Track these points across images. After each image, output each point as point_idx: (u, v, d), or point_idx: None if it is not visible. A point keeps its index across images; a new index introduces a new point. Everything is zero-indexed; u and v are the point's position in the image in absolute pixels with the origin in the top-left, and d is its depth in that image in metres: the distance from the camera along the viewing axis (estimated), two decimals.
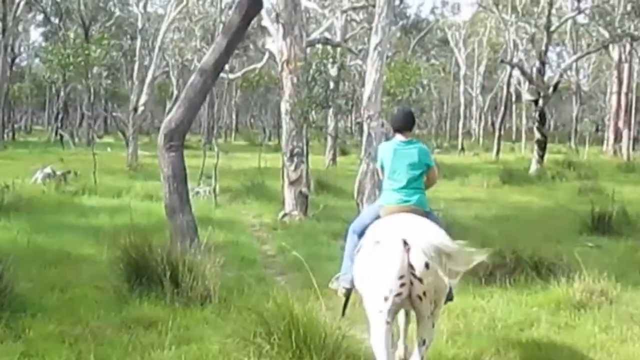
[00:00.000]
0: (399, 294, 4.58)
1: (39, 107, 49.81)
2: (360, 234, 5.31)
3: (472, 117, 57.68)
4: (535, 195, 18.85)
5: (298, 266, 9.32)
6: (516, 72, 36.78)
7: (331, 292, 7.85)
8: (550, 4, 25.48)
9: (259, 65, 28.53)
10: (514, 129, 58.14)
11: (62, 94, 35.27)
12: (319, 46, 15.45)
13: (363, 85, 11.69)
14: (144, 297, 6.89)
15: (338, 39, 20.69)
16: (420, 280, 4.53)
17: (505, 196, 18.49)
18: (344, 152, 33.53)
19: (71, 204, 13.50)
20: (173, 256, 7.37)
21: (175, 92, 36.36)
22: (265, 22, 14.27)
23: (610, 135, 39.95)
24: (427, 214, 5.23)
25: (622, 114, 37.01)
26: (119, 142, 43.97)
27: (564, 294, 7.73)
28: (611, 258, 10.27)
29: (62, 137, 26.29)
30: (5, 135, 36.13)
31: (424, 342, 4.77)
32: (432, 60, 53.25)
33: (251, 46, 41.34)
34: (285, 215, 13.14)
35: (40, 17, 34.41)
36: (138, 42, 22.41)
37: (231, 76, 30.39)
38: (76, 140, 34.71)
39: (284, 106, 13.27)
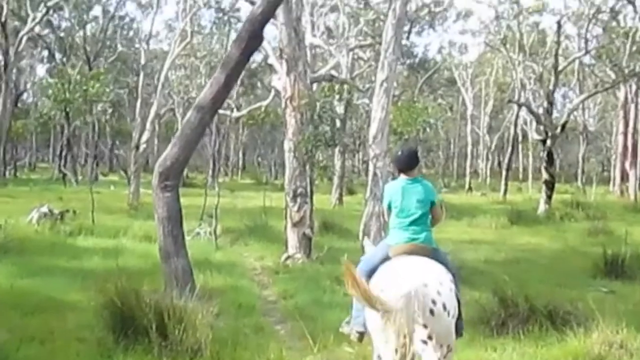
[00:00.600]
0: (404, 345, 4.44)
1: (44, 145, 49.69)
2: (369, 274, 5.22)
3: (479, 156, 57.29)
4: (545, 236, 18.32)
5: (299, 313, 8.84)
6: (523, 112, 36.57)
7: (333, 343, 7.42)
8: (558, 44, 25.25)
9: (264, 103, 28.26)
10: (520, 168, 57.71)
11: (65, 131, 35.01)
12: (325, 83, 15.08)
13: (370, 124, 11.31)
14: (129, 351, 6.38)
15: (344, 76, 20.38)
16: (424, 326, 4.53)
17: (514, 238, 17.97)
18: (350, 192, 33.12)
19: (64, 245, 13.02)
20: (163, 304, 6.85)
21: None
22: (272, 59, 13.95)
23: (617, 175, 39.43)
24: (434, 251, 5.28)
25: (628, 154, 36.54)
26: (123, 180, 43.89)
27: (582, 347, 7.22)
28: (626, 304, 9.76)
29: (64, 175, 25.95)
30: (7, 173, 35.81)
31: None
32: (439, 100, 53.08)
33: (258, 84, 41.30)
34: (288, 257, 12.65)
35: (45, 53, 34.37)
36: (140, 78, 22.16)
37: (236, 114, 30.13)
38: (79, 178, 34.38)
39: (287, 144, 12.87)
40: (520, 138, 45.00)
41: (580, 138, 45.02)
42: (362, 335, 5.43)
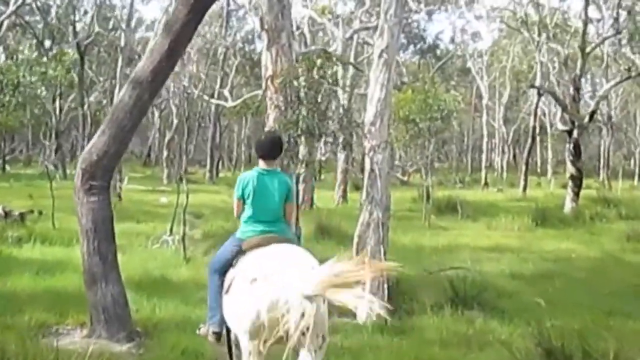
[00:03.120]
0: (278, 334, 4.28)
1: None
2: (222, 273, 5.07)
3: (494, 149, 54.63)
4: (576, 241, 15.85)
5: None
6: (542, 101, 34.02)
7: None
8: (585, 24, 22.70)
9: (260, 91, 25.90)
10: (538, 162, 55.00)
11: (52, 121, 32.78)
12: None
13: (365, 107, 8.93)
14: None
15: (339, 51, 18.03)
16: (302, 315, 4.29)
17: (540, 243, 15.51)
18: (357, 187, 30.70)
19: None
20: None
21: (175, 121, 33.88)
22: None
23: None
24: (292, 242, 5.08)
25: None
26: (137, 173, 41.62)
27: None
28: None
29: (47, 169, 23.88)
30: None
31: None
32: (452, 91, 50.52)
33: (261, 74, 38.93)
34: None
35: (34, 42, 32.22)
36: (119, 62, 19.72)
37: (230, 103, 27.78)
38: (68, 172, 32.15)
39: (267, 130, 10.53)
40: (538, 129, 42.24)
41: (604, 129, 42.32)
42: (219, 336, 5.24)
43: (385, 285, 8.12)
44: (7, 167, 36.68)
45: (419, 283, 9.59)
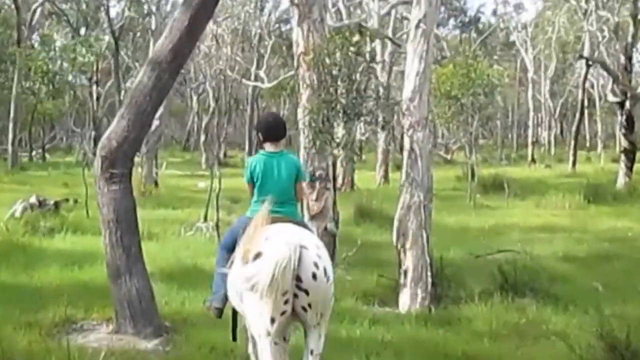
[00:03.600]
0: (284, 312, 4.29)
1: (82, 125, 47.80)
2: (231, 249, 4.98)
3: (540, 124, 53.14)
4: (633, 218, 14.98)
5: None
6: (590, 73, 32.71)
7: None
8: None
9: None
10: (587, 136, 53.36)
11: (93, 106, 32.58)
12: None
13: (404, 82, 8.28)
14: None
15: (375, 25, 17.32)
16: (306, 292, 4.29)
17: (594, 221, 14.71)
18: (399, 167, 29.95)
19: (29, 248, 10.43)
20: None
21: (213, 105, 33.57)
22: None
23: None
24: (298, 224, 4.95)
25: None
26: (177, 158, 41.48)
27: None
28: None
29: (85, 156, 23.77)
30: (31, 155, 33.70)
31: (311, 352, 4.48)
32: (496, 66, 49.17)
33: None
34: None
35: (68, 29, 32.05)
36: (150, 46, 19.26)
37: (267, 84, 27.26)
38: None
39: (301, 114, 9.98)
40: (586, 102, 40.83)
41: None
42: (220, 312, 5.30)
43: (429, 272, 7.54)
44: (47, 156, 36.89)
45: (466, 268, 9.00)
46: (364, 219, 13.84)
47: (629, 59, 21.48)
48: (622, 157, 21.88)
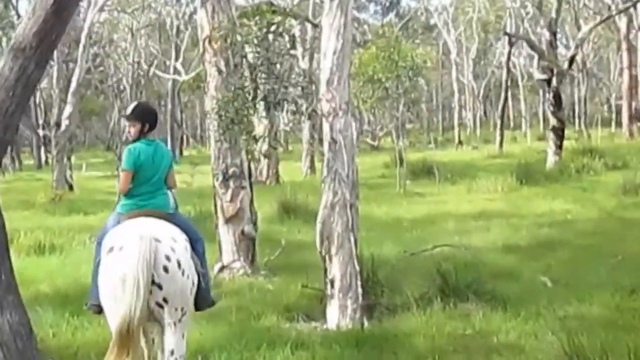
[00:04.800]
0: (141, 308, 4.09)
1: None
2: None
3: (465, 106, 53.18)
4: (568, 200, 14.39)
5: None
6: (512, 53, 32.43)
7: None
8: None
9: None
10: (511, 116, 53.71)
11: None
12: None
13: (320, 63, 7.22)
14: None
15: (288, 3, 16.21)
16: (159, 286, 4.20)
17: (529, 204, 14.04)
18: None
19: None
20: None
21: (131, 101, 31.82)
22: None
23: (624, 115, 35.36)
24: (171, 215, 4.90)
25: (639, 89, 32.56)
26: (99, 159, 39.44)
27: None
28: None
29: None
30: None
31: (172, 352, 4.33)
32: (418, 50, 48.79)
33: None
34: (222, 268, 8.70)
35: None
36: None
37: (184, 77, 25.83)
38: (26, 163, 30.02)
39: (209, 104, 8.84)
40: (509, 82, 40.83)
41: (580, 76, 40.92)
42: (99, 308, 4.70)
43: (359, 282, 6.54)
44: None
45: (400, 269, 8.04)
46: (289, 215, 12.78)
47: (554, 34, 21.05)
48: (551, 135, 21.45)
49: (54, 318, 6.74)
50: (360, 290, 6.50)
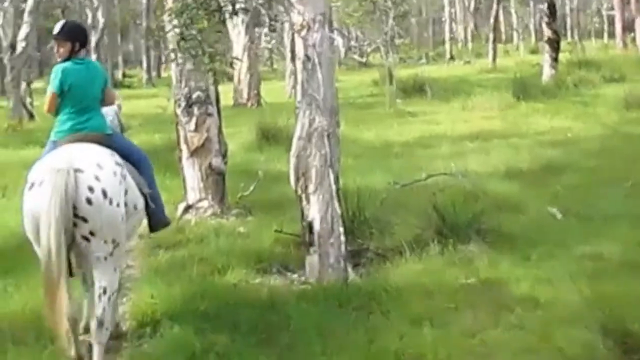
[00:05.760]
0: (64, 245, 3.87)
1: None
2: None
3: (455, 19, 51.28)
4: (568, 116, 13.41)
5: None
6: None
7: None
8: None
9: None
10: (503, 29, 51.94)
11: None
12: None
13: None
14: None
15: None
16: (84, 219, 3.97)
17: (528, 122, 13.04)
18: None
19: None
20: None
21: (102, 20, 30.09)
22: None
23: (617, 25, 33.90)
24: (108, 137, 4.59)
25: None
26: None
27: None
28: None
29: None
30: None
31: (104, 290, 4.05)
32: None
33: None
34: (187, 209, 7.68)
35: None
36: None
37: None
38: None
39: (167, 17, 7.60)
40: None
41: None
42: None
43: (341, 225, 5.54)
44: None
45: (390, 204, 7.05)
46: (269, 141, 11.72)
47: None
48: (546, 47, 20.13)
49: None
50: (342, 237, 5.50)
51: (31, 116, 17.18)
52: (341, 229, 5.61)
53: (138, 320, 4.89)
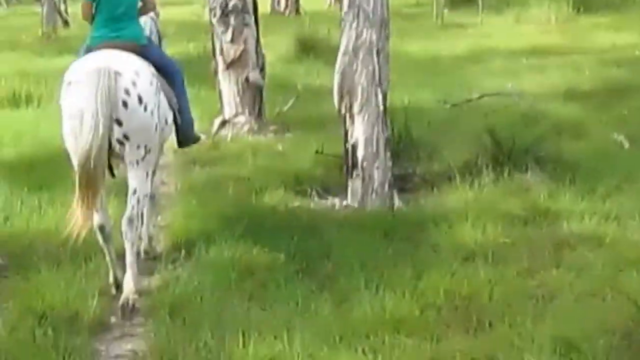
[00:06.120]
0: (101, 146, 3.80)
1: None
2: None
3: None
4: (635, 32, 12.26)
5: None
6: None
7: None
8: None
9: None
10: None
11: None
12: None
13: None
14: None
15: None
16: (119, 122, 3.90)
17: (589, 37, 12.13)
18: None
19: None
20: None
21: None
22: None
23: None
24: (144, 48, 4.37)
25: None
26: None
27: None
28: None
29: None
30: None
31: (134, 191, 4.08)
32: None
33: None
34: (223, 124, 7.31)
35: None
36: None
37: None
38: None
39: None
40: None
41: None
42: None
43: (388, 148, 5.11)
44: None
45: (439, 124, 6.56)
46: (308, 53, 11.13)
47: None
48: None
49: (10, 198, 5.39)
50: (389, 162, 5.08)
51: (66, 23, 16.75)
52: (388, 153, 5.19)
53: (173, 241, 4.62)
